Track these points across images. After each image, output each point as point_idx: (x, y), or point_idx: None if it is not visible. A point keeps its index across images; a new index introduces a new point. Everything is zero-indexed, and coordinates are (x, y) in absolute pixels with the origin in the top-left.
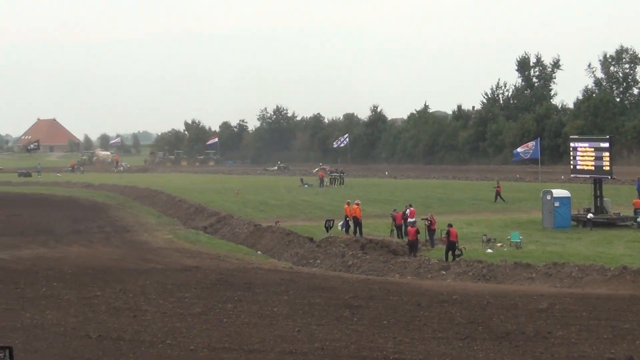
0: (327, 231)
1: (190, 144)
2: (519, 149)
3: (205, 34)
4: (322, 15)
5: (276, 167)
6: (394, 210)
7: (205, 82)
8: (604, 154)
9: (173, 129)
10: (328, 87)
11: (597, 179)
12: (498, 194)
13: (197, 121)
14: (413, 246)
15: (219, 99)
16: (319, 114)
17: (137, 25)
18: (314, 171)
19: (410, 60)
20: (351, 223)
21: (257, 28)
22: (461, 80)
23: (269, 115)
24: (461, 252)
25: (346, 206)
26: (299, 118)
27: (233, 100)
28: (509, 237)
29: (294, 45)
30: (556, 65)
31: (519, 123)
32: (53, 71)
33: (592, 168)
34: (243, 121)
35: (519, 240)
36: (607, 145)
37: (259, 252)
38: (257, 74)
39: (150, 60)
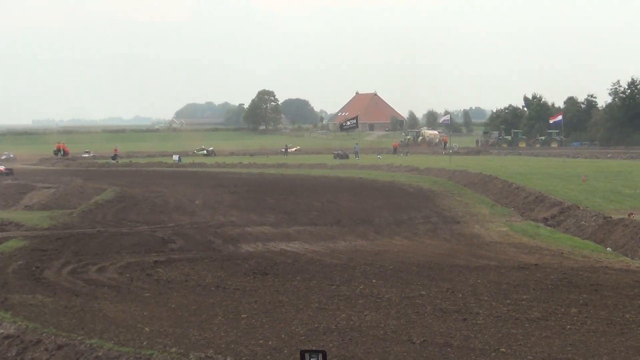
0: None
1: (529, 122)
2: None
3: None
4: None
5: None
6: None
7: (549, 51)
8: None
9: (510, 105)
10: None
11: None
12: None
13: (538, 96)
14: None
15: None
16: None
17: None
18: None
19: None
20: None
21: None
22: None
23: (622, 89)
24: None
25: None
26: None
27: (580, 69)
28: None
29: None
30: None
31: None
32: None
33: None
34: (591, 96)
35: None
36: None
37: (608, 248)
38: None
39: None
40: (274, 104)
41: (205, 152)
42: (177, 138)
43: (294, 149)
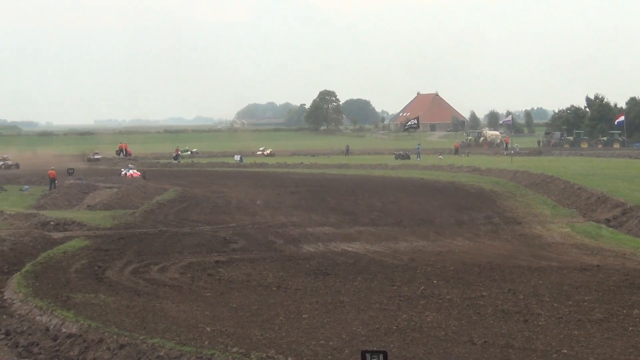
0: None
1: (591, 123)
2: None
3: None
4: None
5: None
6: None
7: (611, 51)
8: None
9: (572, 106)
10: None
11: None
12: None
13: (600, 96)
14: None
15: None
16: None
17: None
18: None
19: None
20: None
21: None
22: None
23: None
24: None
25: None
26: None
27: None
28: None
29: None
30: None
31: None
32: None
33: None
34: None
35: None
36: None
37: None
38: None
39: None
40: (335, 104)
41: (189, 152)
42: (238, 138)
43: (267, 152)
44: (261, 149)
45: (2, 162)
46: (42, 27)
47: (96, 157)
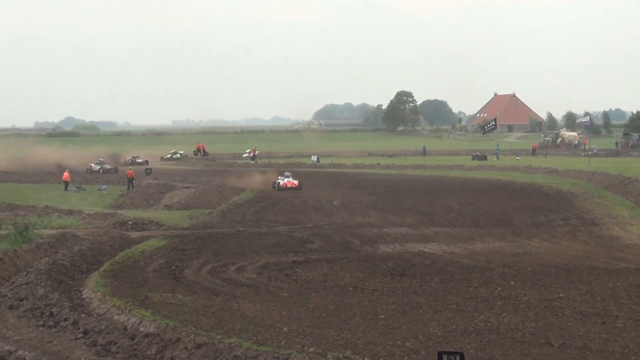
0: None
1: None
2: None
3: None
4: None
5: None
6: None
7: None
8: None
9: None
10: None
11: None
12: None
13: None
14: None
15: None
16: None
17: None
18: None
19: None
20: None
21: None
22: None
23: None
24: None
25: None
26: None
27: None
28: None
29: None
30: None
31: None
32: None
33: None
34: None
35: None
36: None
37: None
38: None
39: None
40: (412, 104)
41: (178, 155)
42: (315, 139)
43: (255, 153)
44: (248, 151)
45: (99, 166)
46: (122, 28)
47: (138, 160)
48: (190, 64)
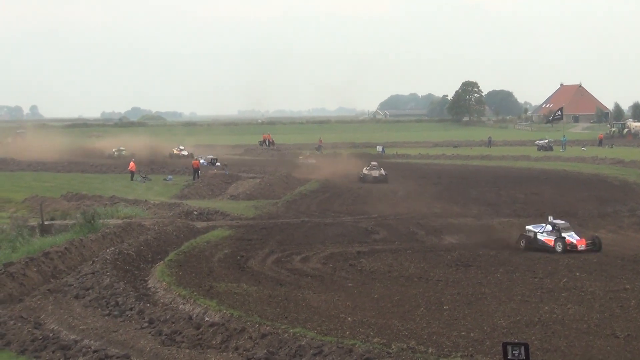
0: None
1: None
2: None
3: None
4: None
5: None
6: None
7: None
8: None
9: None
10: None
11: None
12: None
13: None
14: None
15: None
16: None
17: None
18: None
19: None
20: None
21: None
22: None
23: None
24: None
25: None
26: None
27: None
28: None
29: None
30: None
31: None
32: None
33: None
34: None
35: None
36: None
37: None
38: None
39: None
40: (477, 95)
41: (123, 151)
42: (381, 129)
43: (184, 153)
44: (180, 147)
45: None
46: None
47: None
48: (255, 55)
